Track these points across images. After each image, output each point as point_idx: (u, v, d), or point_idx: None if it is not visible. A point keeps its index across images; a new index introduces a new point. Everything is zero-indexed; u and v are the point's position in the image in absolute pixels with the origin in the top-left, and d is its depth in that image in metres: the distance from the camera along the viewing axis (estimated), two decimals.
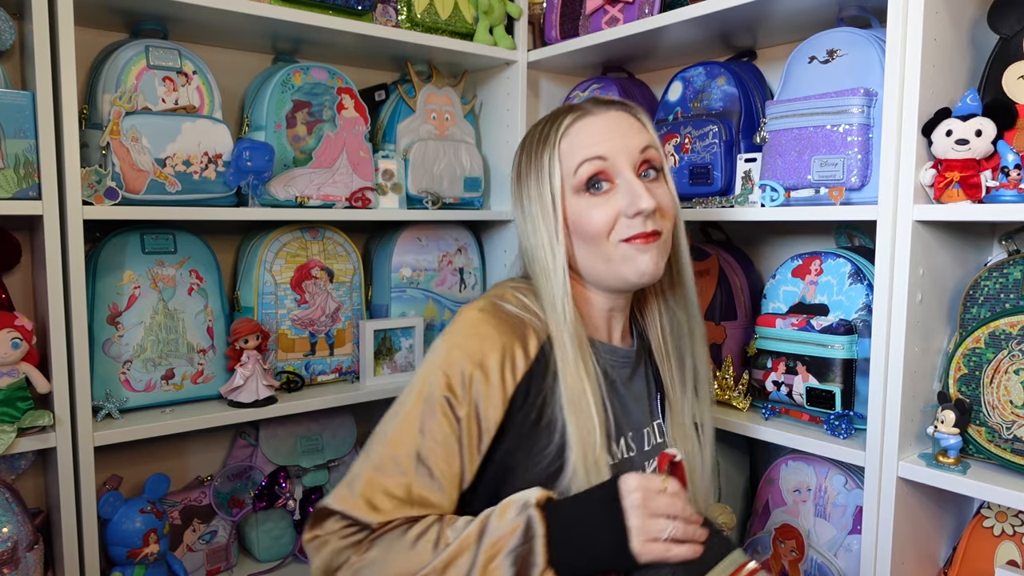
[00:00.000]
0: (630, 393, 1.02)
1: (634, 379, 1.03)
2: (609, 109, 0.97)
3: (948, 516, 1.26)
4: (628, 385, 1.02)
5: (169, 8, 1.30)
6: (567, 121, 0.96)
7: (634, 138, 0.95)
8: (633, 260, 0.93)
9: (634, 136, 0.95)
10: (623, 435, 0.99)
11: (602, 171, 0.93)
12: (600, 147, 0.93)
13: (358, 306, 1.61)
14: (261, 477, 1.55)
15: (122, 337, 1.33)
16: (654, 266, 0.93)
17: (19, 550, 1.17)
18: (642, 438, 1.01)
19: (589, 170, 0.93)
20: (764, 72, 1.54)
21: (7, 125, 1.12)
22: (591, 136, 0.94)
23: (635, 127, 0.96)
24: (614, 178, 0.94)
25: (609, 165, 0.93)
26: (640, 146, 0.94)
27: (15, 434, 1.14)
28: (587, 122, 0.95)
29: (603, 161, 0.93)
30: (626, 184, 0.92)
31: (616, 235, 0.93)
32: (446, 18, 1.62)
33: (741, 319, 1.45)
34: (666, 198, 0.96)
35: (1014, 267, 1.16)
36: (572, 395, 0.90)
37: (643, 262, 0.92)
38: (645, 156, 0.95)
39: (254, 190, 1.37)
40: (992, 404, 1.09)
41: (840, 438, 1.22)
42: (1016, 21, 1.11)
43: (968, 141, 1.06)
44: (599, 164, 0.93)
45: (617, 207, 0.92)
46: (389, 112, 1.67)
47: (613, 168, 0.93)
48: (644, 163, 0.95)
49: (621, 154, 0.93)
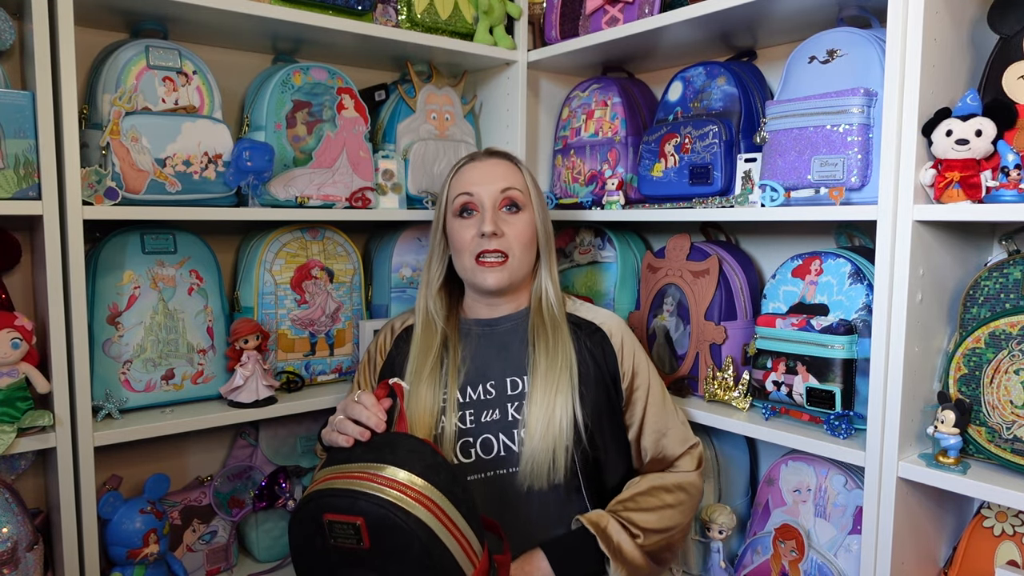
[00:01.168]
0: (493, 352, 1.30)
1: (503, 342, 1.31)
2: (491, 158, 1.33)
3: (948, 516, 1.26)
4: (493, 345, 1.30)
5: (169, 8, 1.30)
6: (462, 163, 1.33)
7: (499, 182, 1.28)
8: (482, 275, 1.26)
9: (501, 180, 1.28)
10: (482, 382, 1.27)
11: (469, 203, 1.28)
12: (471, 187, 1.28)
13: (358, 306, 1.61)
14: (261, 477, 1.55)
15: (122, 337, 1.33)
16: (496, 283, 1.26)
17: (19, 550, 1.17)
18: (504, 384, 1.27)
19: (460, 202, 1.29)
20: (764, 72, 1.54)
21: (7, 125, 1.12)
22: (469, 177, 1.30)
23: (505, 172, 1.30)
24: (479, 208, 1.28)
25: (475, 199, 1.28)
26: (501, 187, 1.28)
27: (15, 434, 1.14)
28: (472, 165, 1.32)
29: (470, 196, 1.28)
30: (483, 213, 1.27)
31: (472, 251, 1.26)
32: (446, 18, 1.62)
33: (741, 319, 1.45)
34: (517, 228, 1.27)
35: (1014, 267, 1.16)
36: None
37: (489, 279, 1.26)
38: (506, 195, 1.28)
39: (254, 190, 1.37)
40: (992, 404, 1.09)
41: (840, 438, 1.22)
42: (1016, 21, 1.11)
43: (968, 141, 1.06)
44: (467, 198, 1.28)
45: (475, 229, 1.26)
46: (389, 112, 1.67)
47: (479, 201, 1.28)
48: (505, 199, 1.28)
49: (485, 192, 1.27)
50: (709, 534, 1.43)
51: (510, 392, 1.26)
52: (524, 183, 1.31)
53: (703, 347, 1.44)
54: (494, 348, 1.30)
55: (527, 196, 1.30)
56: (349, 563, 0.94)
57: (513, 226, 1.27)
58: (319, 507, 0.94)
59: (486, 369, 1.28)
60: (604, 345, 1.30)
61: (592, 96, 1.72)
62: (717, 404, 1.42)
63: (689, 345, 1.47)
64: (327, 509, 0.93)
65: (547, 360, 1.24)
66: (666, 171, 1.50)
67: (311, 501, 0.95)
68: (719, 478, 1.50)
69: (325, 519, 0.93)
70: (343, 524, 0.92)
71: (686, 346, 1.48)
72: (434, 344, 1.29)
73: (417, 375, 1.26)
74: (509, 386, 1.27)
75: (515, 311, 1.33)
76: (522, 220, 1.28)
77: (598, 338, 1.30)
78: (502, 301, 1.32)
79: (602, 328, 1.31)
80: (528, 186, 1.31)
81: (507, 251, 1.26)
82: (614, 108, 1.67)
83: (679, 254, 1.51)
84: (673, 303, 1.51)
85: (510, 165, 1.32)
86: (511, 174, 1.30)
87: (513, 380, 1.27)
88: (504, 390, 1.27)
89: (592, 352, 1.28)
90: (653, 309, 1.55)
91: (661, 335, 1.53)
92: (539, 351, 1.26)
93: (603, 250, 1.73)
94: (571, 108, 1.78)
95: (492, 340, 1.31)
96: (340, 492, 0.93)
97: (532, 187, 1.32)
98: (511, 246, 1.26)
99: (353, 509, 0.92)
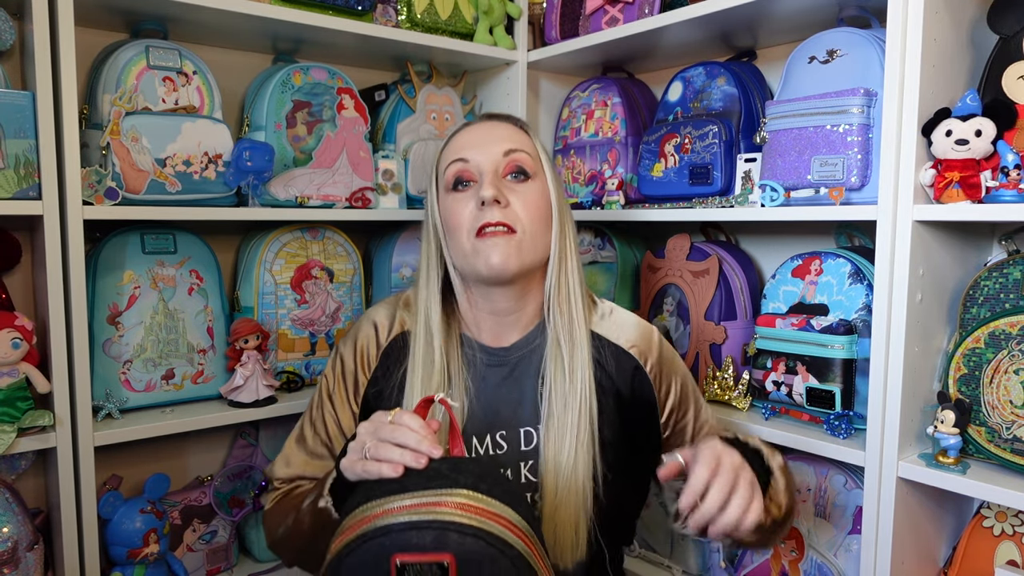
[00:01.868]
0: (503, 392, 1.05)
1: (513, 378, 1.06)
2: (489, 120, 1.07)
3: (948, 516, 1.26)
4: (504, 384, 1.05)
5: (169, 8, 1.30)
6: (451, 132, 1.07)
7: (501, 144, 1.02)
8: (483, 253, 0.98)
9: (502, 142, 1.02)
10: (490, 432, 1.03)
11: (464, 171, 1.01)
12: (465, 151, 1.02)
13: (358, 306, 1.61)
14: (261, 477, 1.55)
15: (122, 337, 1.33)
16: (503, 259, 0.97)
17: (19, 550, 1.17)
18: (517, 436, 1.03)
19: (453, 171, 1.02)
20: (764, 72, 1.54)
21: (7, 125, 1.12)
22: (461, 142, 1.04)
23: (507, 134, 1.04)
24: (477, 178, 1.01)
25: (472, 167, 1.01)
26: (504, 149, 1.01)
27: (15, 434, 1.14)
28: (464, 131, 1.06)
29: (464, 163, 1.01)
30: (482, 181, 1.00)
31: (470, 228, 0.99)
32: (446, 18, 1.62)
33: (741, 319, 1.45)
34: (529, 198, 1.00)
35: (1014, 267, 1.16)
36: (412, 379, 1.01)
37: (493, 256, 0.97)
38: (511, 159, 1.01)
39: (254, 190, 1.37)
40: (992, 404, 1.09)
41: (840, 438, 1.22)
42: (1016, 21, 1.11)
43: (968, 141, 1.06)
44: (461, 166, 1.01)
45: (472, 201, 0.99)
46: (389, 112, 1.67)
47: (476, 169, 1.01)
48: (510, 165, 1.01)
49: (483, 156, 1.01)
50: None
51: (523, 448, 1.02)
52: (532, 146, 1.04)
53: (703, 347, 1.44)
54: (503, 386, 1.05)
55: (537, 163, 1.03)
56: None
57: (521, 195, 1.00)
58: (384, 546, 0.70)
59: (495, 415, 1.03)
60: (633, 372, 1.07)
61: (592, 96, 1.72)
62: (717, 404, 1.42)
63: (689, 345, 1.47)
64: (399, 548, 0.70)
65: (561, 409, 1.00)
66: (666, 171, 1.50)
67: (368, 540, 0.71)
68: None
69: (395, 561, 0.70)
70: (424, 566, 0.70)
71: (686, 346, 1.48)
72: (436, 370, 1.01)
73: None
74: (523, 439, 1.03)
75: (526, 333, 1.07)
76: (532, 189, 1.01)
77: (626, 363, 1.06)
78: (511, 310, 1.05)
79: (630, 352, 1.07)
80: (539, 152, 1.05)
81: (513, 224, 0.98)
82: (614, 108, 1.67)
83: (679, 254, 1.51)
84: (673, 303, 1.51)
85: (512, 127, 1.06)
86: (515, 135, 1.04)
87: (527, 432, 1.03)
88: (517, 445, 1.02)
89: (618, 386, 1.05)
90: (653, 309, 1.55)
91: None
92: (552, 392, 1.01)
93: (603, 250, 1.73)
94: (571, 108, 1.78)
95: (500, 374, 1.05)
96: (417, 525, 0.70)
97: (543, 154, 1.05)
98: (518, 218, 0.99)
99: (440, 544, 0.69)
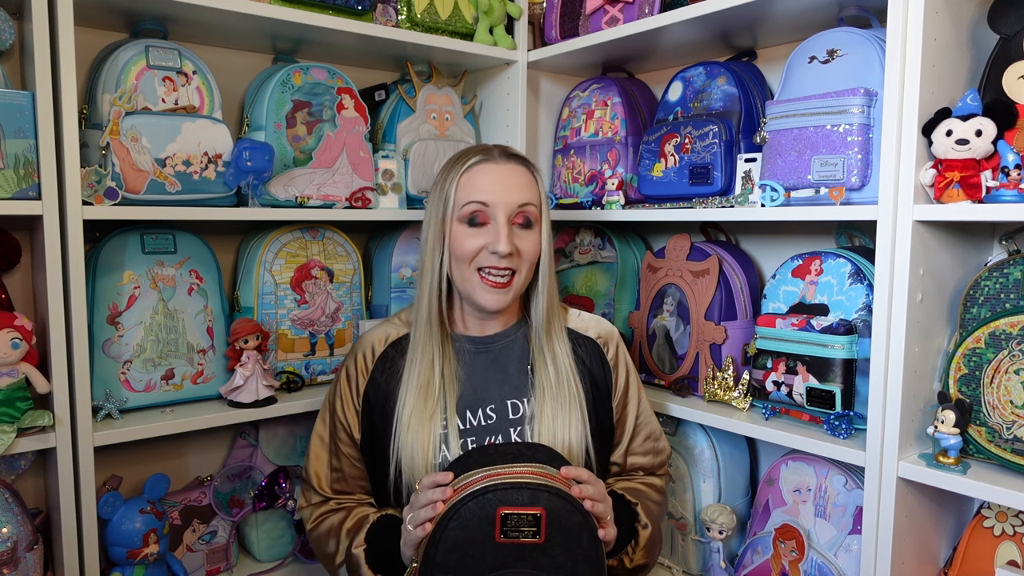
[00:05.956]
0: (491, 373, 1.23)
1: (498, 362, 1.24)
2: (509, 162, 1.20)
3: (948, 516, 1.26)
4: (491, 367, 1.24)
5: (169, 8, 1.30)
6: (473, 160, 1.19)
7: (517, 194, 1.18)
8: (483, 295, 1.18)
9: (518, 192, 1.18)
10: (481, 406, 1.21)
11: (481, 213, 1.17)
12: (486, 195, 1.17)
13: (358, 306, 1.61)
14: (261, 477, 1.55)
15: (122, 337, 1.33)
16: (495, 306, 1.18)
17: (19, 550, 1.17)
18: (505, 408, 1.21)
19: (471, 209, 1.17)
20: (764, 72, 1.54)
21: (7, 125, 1.12)
22: (484, 182, 1.17)
23: (523, 183, 1.19)
24: (490, 220, 1.17)
25: (489, 210, 1.17)
26: (520, 202, 1.18)
27: (15, 434, 1.14)
28: (486, 168, 1.19)
29: (484, 206, 1.17)
30: (496, 227, 1.16)
31: (476, 263, 1.17)
32: (446, 18, 1.62)
33: (741, 319, 1.45)
34: (529, 246, 1.19)
35: (1014, 267, 1.16)
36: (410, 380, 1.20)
37: (489, 300, 1.18)
38: (522, 210, 1.18)
39: (254, 190, 1.37)
40: (992, 404, 1.09)
41: (840, 438, 1.22)
42: (1016, 21, 1.11)
43: (968, 141, 1.06)
44: (479, 207, 1.17)
45: (484, 241, 1.16)
46: (389, 112, 1.67)
47: (491, 212, 1.17)
48: (521, 215, 1.18)
49: (501, 204, 1.16)
50: (709, 534, 1.43)
51: (511, 416, 1.21)
52: (539, 196, 1.22)
53: (703, 347, 1.44)
54: (490, 369, 1.24)
55: (539, 212, 1.21)
56: (516, 558, 0.96)
57: (525, 241, 1.19)
58: (492, 501, 0.96)
59: (484, 392, 1.22)
60: (600, 357, 1.28)
61: (592, 96, 1.72)
62: (717, 404, 1.42)
63: (689, 345, 1.47)
64: (504, 502, 0.95)
65: (554, 386, 1.20)
66: (666, 171, 1.50)
67: (482, 494, 0.96)
68: (719, 478, 1.50)
69: (500, 513, 0.95)
70: (522, 516, 0.95)
71: (686, 346, 1.48)
72: (434, 361, 1.20)
73: (422, 393, 1.18)
74: (510, 410, 1.22)
75: (505, 327, 1.26)
76: (533, 238, 1.20)
77: (593, 350, 1.28)
78: (492, 318, 1.25)
79: (596, 341, 1.29)
80: (542, 199, 1.22)
81: (516, 269, 1.18)
82: (614, 108, 1.67)
83: (679, 254, 1.51)
84: (673, 303, 1.51)
85: (527, 174, 1.22)
86: (528, 186, 1.20)
87: (514, 403, 1.22)
88: (505, 414, 1.21)
89: (591, 369, 1.26)
90: (653, 309, 1.55)
91: (661, 335, 1.53)
92: (542, 374, 1.22)
93: (603, 250, 1.73)
94: (571, 108, 1.78)
95: (486, 360, 1.24)
96: (516, 485, 0.97)
97: (544, 200, 1.23)
98: (520, 265, 1.19)
99: (534, 500, 0.96)
